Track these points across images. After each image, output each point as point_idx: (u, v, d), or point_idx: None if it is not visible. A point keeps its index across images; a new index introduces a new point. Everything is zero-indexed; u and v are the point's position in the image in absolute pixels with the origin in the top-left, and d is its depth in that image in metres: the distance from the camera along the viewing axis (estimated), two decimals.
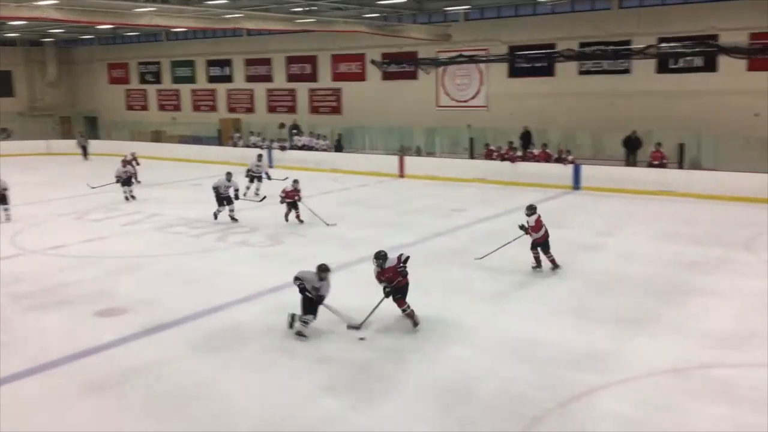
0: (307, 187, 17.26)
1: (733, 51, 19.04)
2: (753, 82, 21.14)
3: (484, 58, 24.86)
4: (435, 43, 27.19)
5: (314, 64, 32.23)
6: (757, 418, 6.55)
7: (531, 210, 11.50)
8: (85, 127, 36.27)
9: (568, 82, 24.73)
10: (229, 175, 15.97)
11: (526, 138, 23.42)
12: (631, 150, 21.38)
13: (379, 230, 14.68)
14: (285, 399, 7.17)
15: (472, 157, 23.59)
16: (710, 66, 22.03)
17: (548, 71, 25.04)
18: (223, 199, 15.81)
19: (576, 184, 19.85)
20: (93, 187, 19.51)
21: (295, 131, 29.32)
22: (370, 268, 12.13)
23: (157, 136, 33.70)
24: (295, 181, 15.61)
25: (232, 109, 35.56)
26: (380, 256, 8.99)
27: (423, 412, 6.85)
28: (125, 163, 20.56)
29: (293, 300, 10.24)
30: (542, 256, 11.48)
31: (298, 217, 15.50)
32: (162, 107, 38.55)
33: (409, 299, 9.24)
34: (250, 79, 34.71)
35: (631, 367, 7.72)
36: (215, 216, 15.90)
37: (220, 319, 9.56)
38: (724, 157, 19.30)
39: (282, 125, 30.62)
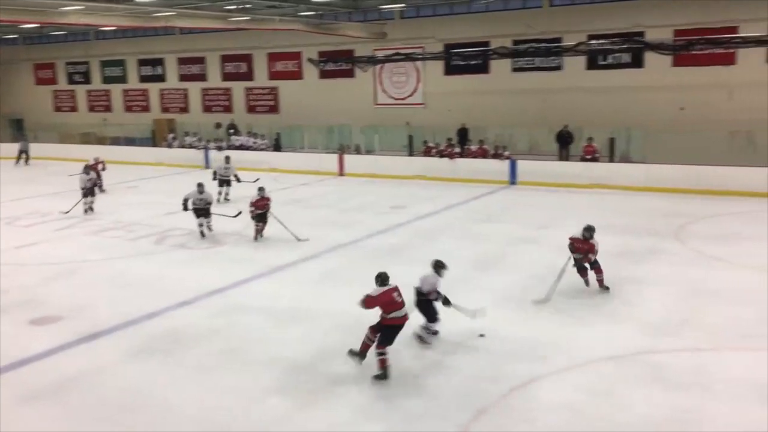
0: (246, 187, 17.05)
1: (658, 47, 19.75)
2: (678, 77, 22.02)
3: (420, 56, 25.07)
4: (371, 41, 27.27)
5: (250, 63, 31.85)
6: (691, 402, 6.83)
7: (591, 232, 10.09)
8: (21, 131, 34.70)
9: (503, 79, 25.19)
10: (200, 186, 14.31)
11: (464, 135, 23.75)
12: (564, 145, 21.94)
13: (321, 229, 14.63)
14: (230, 402, 7.08)
15: (411, 154, 23.76)
16: (637, 62, 22.81)
17: (483, 69, 25.46)
18: (198, 212, 14.17)
19: (512, 179, 20.24)
20: (66, 212, 16.86)
21: (232, 131, 28.90)
22: (313, 266, 12.19)
23: (88, 138, 32.65)
24: (261, 189, 13.99)
25: (165, 109, 34.78)
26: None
27: (370, 408, 6.88)
28: (89, 169, 18.18)
29: (235, 302, 10.18)
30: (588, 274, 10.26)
31: (261, 231, 13.77)
32: (92, 108, 37.39)
33: (355, 298, 9.20)
34: (184, 78, 34.03)
35: (571, 356, 7.94)
36: (202, 234, 14.18)
37: (160, 323, 9.36)
38: (652, 150, 20.03)
39: (218, 125, 30.15)
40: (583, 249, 9.82)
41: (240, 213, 14.25)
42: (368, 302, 7.53)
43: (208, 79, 33.25)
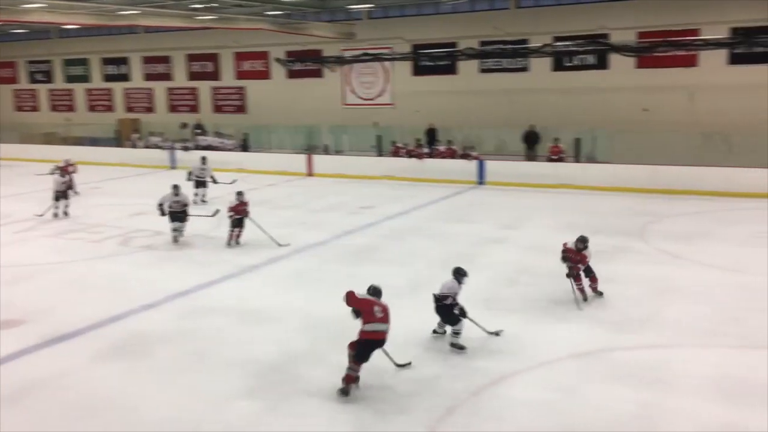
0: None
1: (622, 49, 20.09)
2: (642, 78, 22.40)
3: (388, 57, 25.12)
4: (339, 42, 27.23)
5: (216, 62, 31.57)
6: (655, 398, 6.95)
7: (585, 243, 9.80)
8: None
9: (470, 80, 25.36)
10: (176, 188, 13.70)
11: (432, 135, 23.84)
12: (531, 145, 22.15)
13: (289, 229, 14.54)
14: (197, 404, 7.00)
15: (380, 154, 23.79)
16: (602, 64, 23.16)
17: (451, 69, 25.60)
18: (173, 216, 13.57)
19: (480, 179, 20.38)
20: (40, 215, 16.23)
21: (198, 131, 28.59)
22: (282, 267, 12.13)
23: (50, 139, 32.01)
24: (240, 193, 13.55)
25: (130, 109, 34.31)
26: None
27: (340, 408, 6.86)
28: (62, 171, 17.52)
29: (202, 304, 10.08)
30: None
31: (238, 237, 13.33)
32: (54, 108, 36.70)
33: (325, 298, 9.21)
34: (149, 77, 33.60)
35: (538, 354, 8.02)
36: (175, 238, 13.60)
37: (125, 326, 9.21)
38: (617, 151, 20.34)
39: (184, 125, 29.79)
40: (574, 259, 9.66)
41: (218, 211, 13.89)
42: (350, 296, 7.28)
43: (174, 79, 32.88)
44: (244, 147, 26.98)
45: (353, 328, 8.95)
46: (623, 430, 6.38)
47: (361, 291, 7.37)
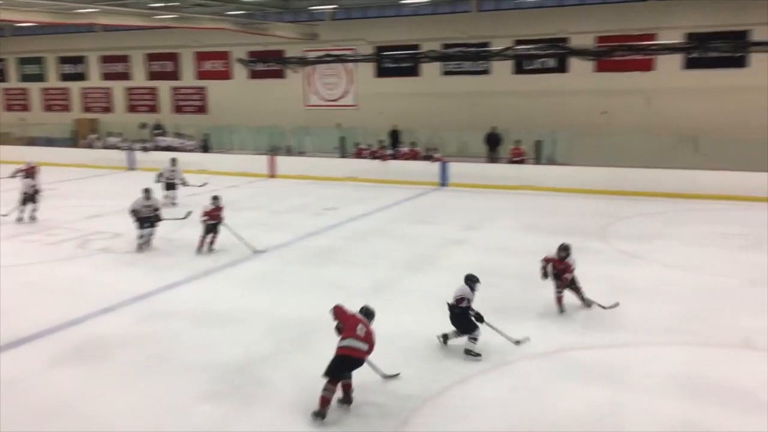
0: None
1: (582, 53, 20.43)
2: (600, 82, 22.80)
3: (351, 58, 25.09)
4: (302, 42, 27.11)
5: (176, 62, 31.14)
6: (617, 396, 7.07)
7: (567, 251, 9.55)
8: None
9: (433, 82, 25.49)
10: (147, 192, 13.13)
11: (395, 136, 23.90)
12: (493, 147, 22.36)
13: (252, 231, 14.36)
14: (158, 409, 6.88)
15: (343, 156, 23.74)
16: (562, 67, 23.51)
17: (414, 71, 25.70)
18: (143, 221, 12.98)
19: (443, 181, 20.49)
20: (5, 215, 15.60)
21: (158, 131, 28.17)
22: (244, 269, 12.01)
23: (4, 139, 31.14)
24: (215, 198, 13.03)
25: (87, 109, 33.62)
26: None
27: (304, 410, 6.81)
28: (28, 174, 16.68)
29: (163, 307, 9.92)
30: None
31: (212, 243, 12.77)
32: (9, 107, 35.73)
33: (288, 300, 9.14)
34: (107, 77, 32.99)
35: (503, 354, 8.09)
36: (140, 247, 12.92)
37: (83, 330, 9.01)
38: (577, 153, 20.67)
39: (143, 125, 29.33)
40: (560, 268, 9.39)
41: (190, 213, 13.39)
42: (337, 310, 7.02)
43: (133, 78, 32.35)
44: (205, 148, 26.66)
45: (317, 329, 8.94)
46: (587, 429, 6.46)
47: (344, 302, 7.25)
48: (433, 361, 7.93)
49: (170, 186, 17.46)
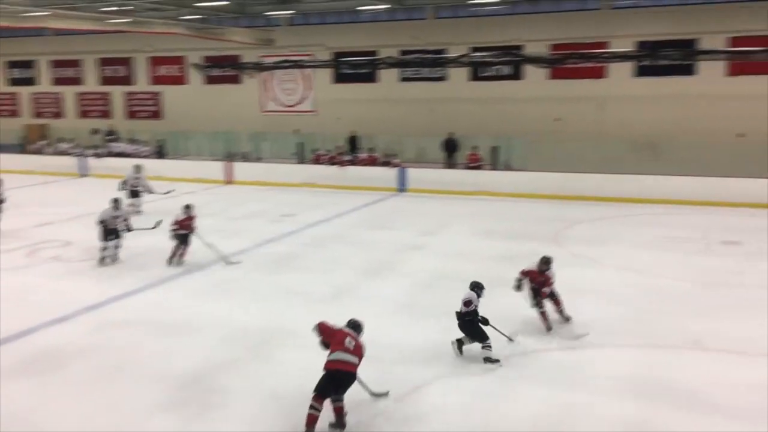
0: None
1: (536, 61, 20.78)
2: (554, 89, 23.23)
3: (309, 64, 25.04)
4: (259, 48, 26.95)
5: (130, 67, 30.67)
6: (572, 398, 7.19)
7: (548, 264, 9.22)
8: None
9: (391, 89, 25.61)
10: (116, 202, 12.56)
11: (354, 142, 23.91)
12: (450, 153, 22.55)
13: (209, 238, 14.19)
14: (113, 420, 6.74)
15: (301, 161, 23.65)
16: (517, 74, 23.90)
17: (372, 77, 25.80)
18: (109, 233, 12.37)
19: (401, 187, 20.57)
20: None
21: (110, 137, 27.63)
22: (201, 277, 11.85)
23: None
24: (188, 207, 12.55)
25: (38, 114, 32.86)
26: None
27: (261, 419, 6.76)
28: None
29: (117, 316, 9.73)
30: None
31: (182, 255, 12.30)
32: None
33: (246, 307, 9.02)
34: (58, 81, 32.29)
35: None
36: (103, 260, 12.31)
37: (34, 341, 8.77)
38: (532, 159, 20.98)
39: (95, 131, 28.75)
40: (539, 281, 9.10)
41: (160, 222, 12.80)
42: (321, 327, 6.81)
43: (85, 83, 31.74)
44: (160, 154, 26.25)
45: (276, 337, 8.89)
46: (540, 431, 6.55)
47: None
48: (390, 366, 7.93)
49: (134, 194, 16.98)
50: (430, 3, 24.55)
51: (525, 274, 9.22)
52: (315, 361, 8.07)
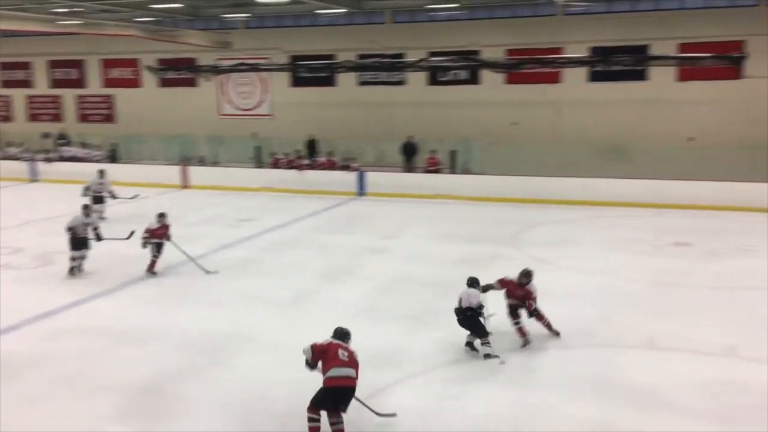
0: (80, 203, 15.86)
1: (492, 65, 20.99)
2: (511, 93, 23.49)
3: (266, 67, 24.85)
4: (214, 51, 26.63)
5: (82, 69, 29.99)
6: (534, 398, 7.26)
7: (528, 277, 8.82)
8: None
9: (349, 92, 25.58)
10: (86, 209, 12.11)
11: (312, 146, 23.79)
12: (409, 156, 22.62)
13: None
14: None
15: (258, 166, 23.44)
16: (474, 79, 24.08)
17: (330, 81, 25.71)
18: (79, 241, 11.84)
19: (361, 191, 20.55)
20: None
21: (62, 141, 26.97)
22: (156, 284, 11.63)
23: None
24: (161, 215, 12.08)
25: None
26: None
27: (219, 428, 6.65)
28: None
29: (68, 324, 9.50)
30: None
31: (152, 266, 11.81)
32: None
33: (201, 314, 8.89)
34: (7, 84, 31.38)
35: (420, 361, 8.16)
36: (72, 271, 11.79)
37: None
38: (490, 162, 21.18)
39: (46, 135, 28.01)
40: (518, 295, 8.70)
41: (133, 233, 12.13)
42: (314, 348, 6.46)
43: (35, 86, 30.90)
44: (113, 158, 25.71)
45: (232, 342, 8.77)
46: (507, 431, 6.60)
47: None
48: None
49: (98, 199, 16.45)
50: (388, 7, 24.62)
51: (503, 284, 8.86)
52: (274, 366, 8.04)
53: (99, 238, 11.99)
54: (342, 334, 6.64)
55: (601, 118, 22.35)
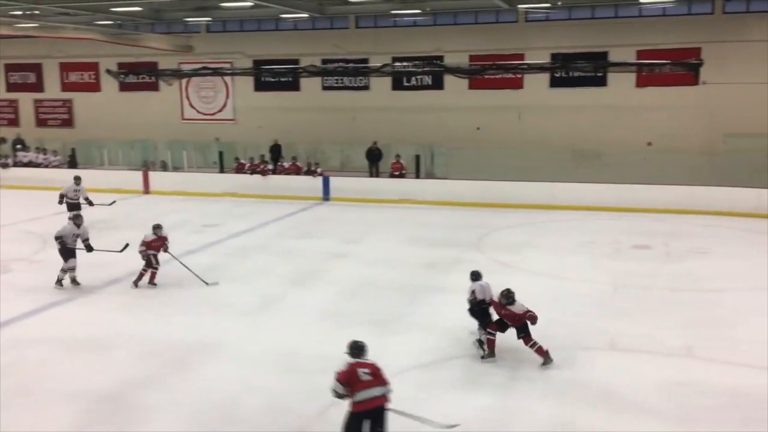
0: (38, 209, 15.64)
1: (456, 71, 21.13)
2: (474, 99, 23.69)
3: (228, 71, 24.66)
4: (176, 54, 26.33)
5: (39, 73, 29.38)
6: (497, 400, 7.34)
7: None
8: None
9: (313, 97, 25.52)
10: (77, 219, 11.64)
11: (276, 151, 23.68)
12: (374, 161, 22.68)
13: (128, 251, 13.76)
14: None
15: (222, 170, 23.23)
16: (438, 84, 24.23)
17: (294, 86, 25.61)
18: (69, 252, 11.40)
19: (325, 196, 20.52)
20: None
21: (19, 146, 26.39)
22: (118, 291, 11.44)
23: None
24: (157, 227, 11.72)
25: None
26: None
27: None
28: None
29: (25, 334, 9.30)
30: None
31: (143, 277, 11.45)
32: None
33: (165, 321, 8.76)
34: None
35: (385, 367, 8.13)
36: (59, 281, 11.37)
37: None
38: (453, 167, 21.33)
39: (2, 140, 27.40)
40: (502, 314, 8.32)
41: (127, 245, 11.81)
42: (339, 376, 5.99)
43: None
44: (72, 163, 25.24)
45: (199, 350, 8.68)
46: None
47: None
48: (316, 377, 7.86)
49: (73, 206, 16.00)
50: (351, 12, 24.65)
51: (491, 303, 8.53)
52: (240, 373, 7.99)
53: (89, 249, 11.54)
54: (358, 349, 6.24)
55: (562, 123, 22.68)
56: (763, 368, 7.96)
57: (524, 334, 8.19)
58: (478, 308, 8.56)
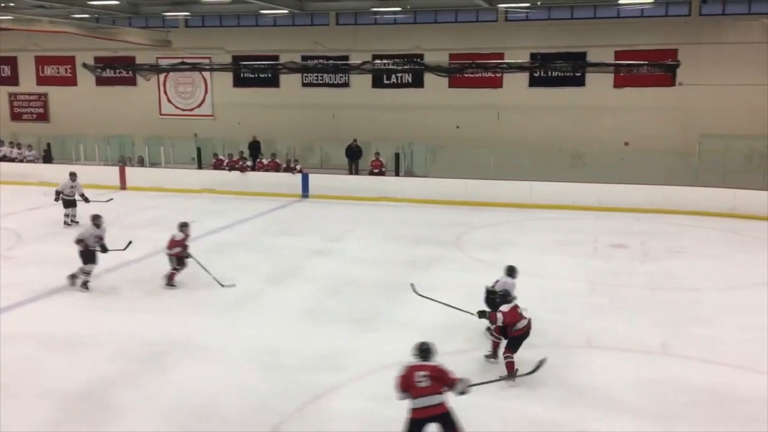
0: (12, 204, 15.39)
1: (435, 69, 21.18)
2: (454, 97, 23.76)
3: (207, 67, 24.46)
4: (154, 49, 26.07)
5: (14, 66, 28.93)
6: (470, 397, 7.32)
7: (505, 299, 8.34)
8: None
9: (293, 94, 25.42)
10: (96, 219, 11.32)
11: (255, 148, 23.54)
12: (353, 159, 22.65)
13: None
14: None
15: (200, 167, 23.05)
16: (418, 82, 24.26)
17: (273, 82, 25.48)
18: (90, 255, 11.09)
19: (305, 193, 20.44)
20: None
21: None
22: (93, 288, 11.30)
23: None
24: (184, 225, 11.48)
25: None
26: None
27: None
28: None
29: (2, 332, 9.10)
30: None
31: (172, 278, 11.19)
32: None
33: (140, 319, 8.65)
34: None
35: (365, 364, 8.16)
36: (84, 284, 11.03)
37: None
38: (433, 165, 21.35)
39: None
40: (510, 322, 8.04)
41: (130, 243, 11.68)
42: (400, 385, 5.84)
43: None
44: (47, 158, 24.88)
45: (175, 348, 8.60)
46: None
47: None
48: (295, 374, 7.85)
49: (69, 203, 15.84)
50: (331, 9, 24.57)
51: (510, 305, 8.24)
52: (217, 371, 7.93)
53: (104, 249, 11.25)
54: (421, 351, 5.96)
55: (541, 122, 22.84)
56: (739, 366, 8.09)
57: (513, 346, 7.99)
58: (493, 297, 8.57)
